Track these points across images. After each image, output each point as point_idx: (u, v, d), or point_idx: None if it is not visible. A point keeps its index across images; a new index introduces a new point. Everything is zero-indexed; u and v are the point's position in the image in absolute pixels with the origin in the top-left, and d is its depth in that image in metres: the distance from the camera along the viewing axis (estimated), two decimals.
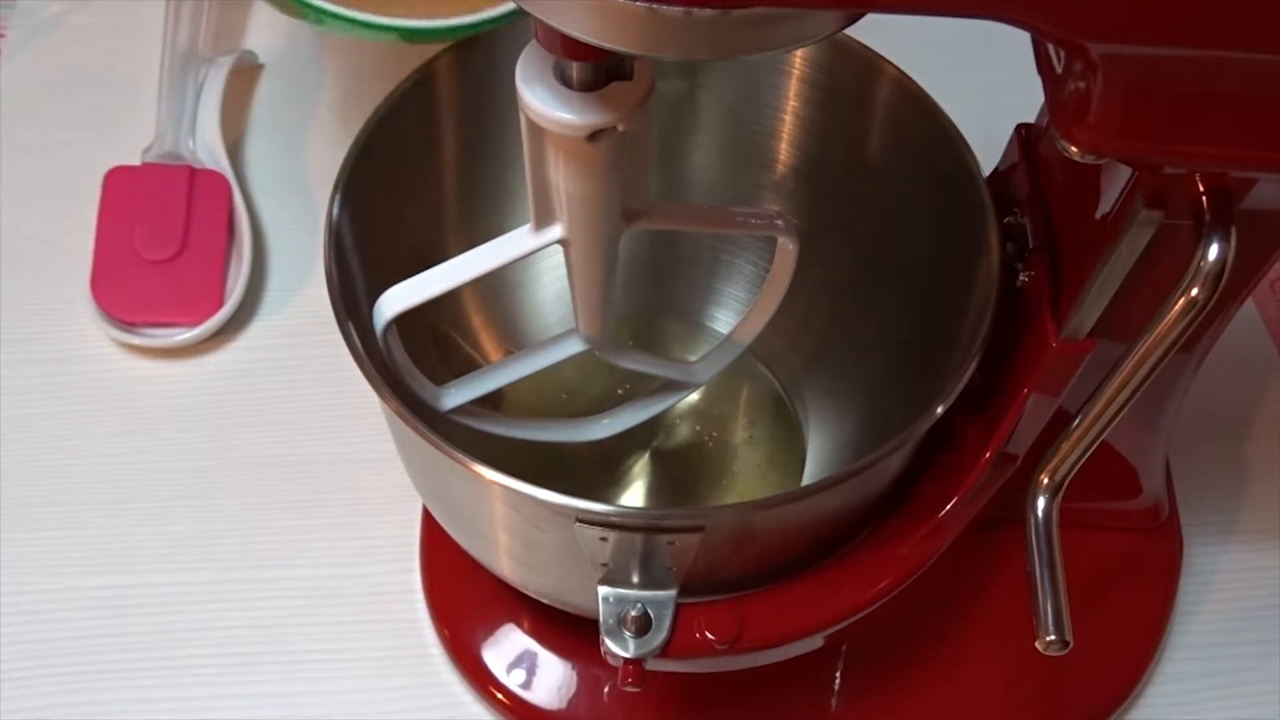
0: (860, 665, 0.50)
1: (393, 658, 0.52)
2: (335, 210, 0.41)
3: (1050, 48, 0.31)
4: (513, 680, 0.50)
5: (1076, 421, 0.36)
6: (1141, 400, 0.35)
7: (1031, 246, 0.40)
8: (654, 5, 0.25)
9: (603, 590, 0.39)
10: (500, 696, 0.50)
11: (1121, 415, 0.35)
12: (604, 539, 0.37)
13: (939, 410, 0.38)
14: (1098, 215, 0.36)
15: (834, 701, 0.50)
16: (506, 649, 0.51)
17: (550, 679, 0.50)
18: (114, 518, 0.55)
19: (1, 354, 0.59)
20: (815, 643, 0.43)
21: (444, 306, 0.38)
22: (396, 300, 0.38)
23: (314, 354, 0.60)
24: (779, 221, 0.40)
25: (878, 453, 0.37)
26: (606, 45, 0.26)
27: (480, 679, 0.50)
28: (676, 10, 0.25)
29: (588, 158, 0.32)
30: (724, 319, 0.56)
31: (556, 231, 0.36)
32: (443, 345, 0.50)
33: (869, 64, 0.45)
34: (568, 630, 0.50)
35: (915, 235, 0.47)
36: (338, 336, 0.39)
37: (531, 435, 0.47)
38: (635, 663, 0.39)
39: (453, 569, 0.52)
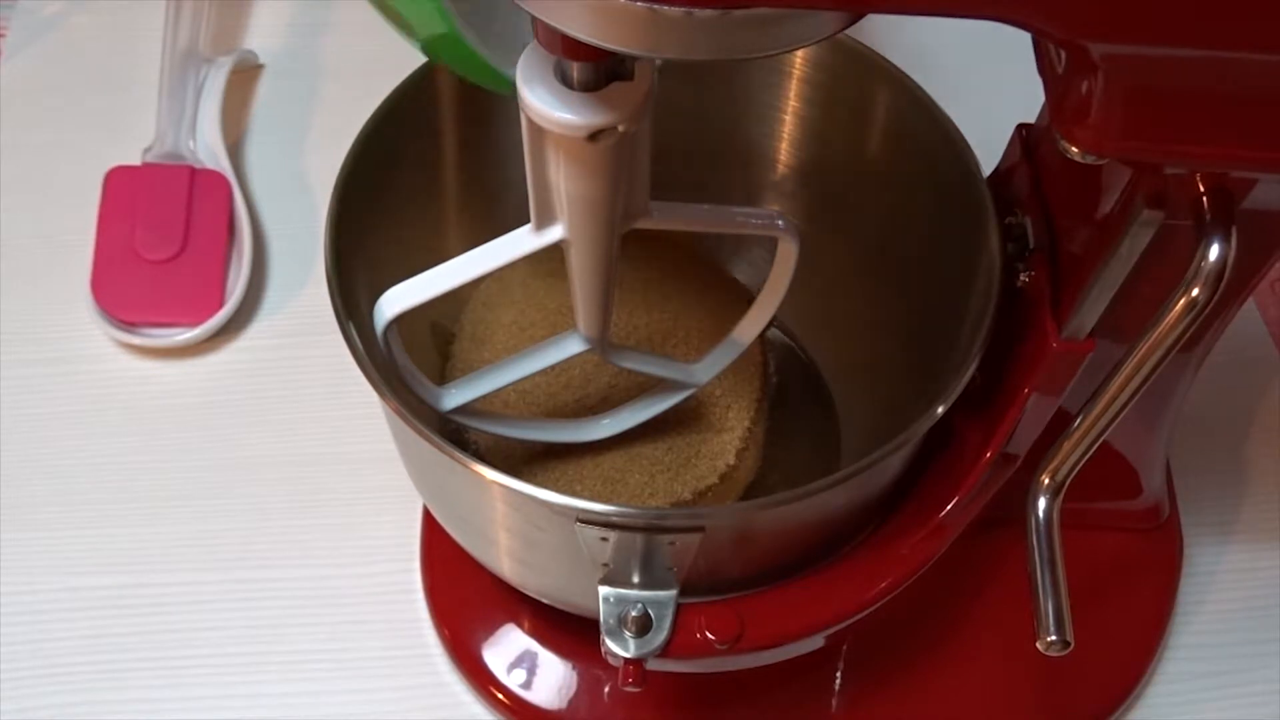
0: (860, 665, 0.50)
1: (393, 658, 0.52)
2: (335, 210, 0.41)
3: (1051, 48, 0.31)
4: (513, 680, 0.50)
5: (1077, 422, 0.36)
6: (1142, 400, 0.35)
7: (1032, 246, 0.40)
8: (654, 5, 0.25)
9: (603, 590, 0.39)
10: (500, 696, 0.50)
11: (1122, 415, 0.35)
12: (604, 539, 0.37)
13: (939, 410, 0.38)
14: (1098, 215, 0.36)
15: (834, 701, 0.50)
16: (507, 649, 0.51)
17: (550, 679, 0.50)
18: (114, 518, 0.55)
19: (1, 354, 0.59)
20: (815, 643, 0.43)
21: (444, 306, 0.38)
22: (396, 300, 0.38)
23: (314, 354, 0.60)
24: (779, 222, 0.40)
25: (878, 453, 0.37)
26: (607, 45, 0.26)
27: (480, 679, 0.50)
28: (677, 10, 0.25)
29: (588, 158, 0.32)
30: None
31: (557, 232, 0.36)
32: (443, 345, 0.50)
33: (869, 64, 0.45)
34: (568, 630, 0.50)
35: (915, 236, 0.47)
36: (338, 336, 0.39)
37: (531, 435, 0.47)
38: (636, 663, 0.39)
39: (453, 569, 0.52)
